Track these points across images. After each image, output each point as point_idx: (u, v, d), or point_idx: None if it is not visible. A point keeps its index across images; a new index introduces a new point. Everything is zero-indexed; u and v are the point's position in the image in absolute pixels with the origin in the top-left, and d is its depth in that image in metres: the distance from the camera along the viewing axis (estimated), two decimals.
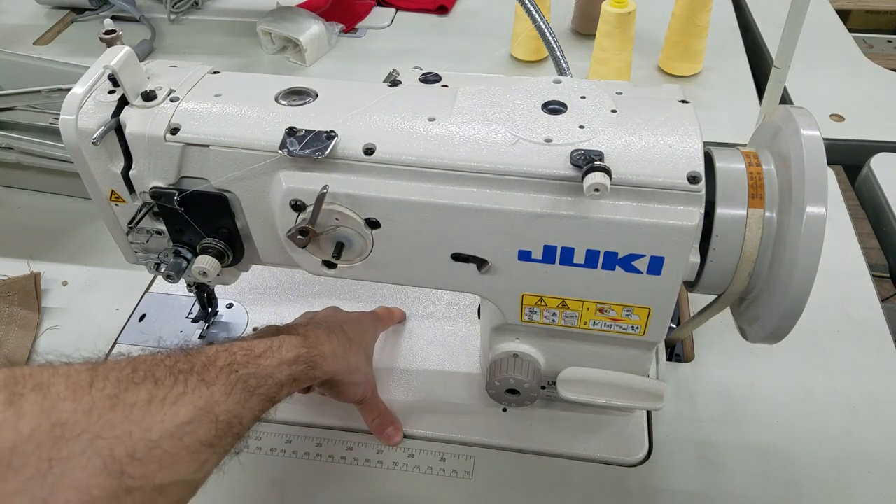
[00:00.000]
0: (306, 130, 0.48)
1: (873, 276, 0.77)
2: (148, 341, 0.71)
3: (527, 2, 0.76)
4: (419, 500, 0.59)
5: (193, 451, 0.39)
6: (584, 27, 1.18)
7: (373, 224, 0.50)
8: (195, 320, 0.72)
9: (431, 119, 0.49)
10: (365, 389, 0.60)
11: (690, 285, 0.52)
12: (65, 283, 0.78)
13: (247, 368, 0.45)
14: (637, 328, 0.53)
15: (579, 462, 0.61)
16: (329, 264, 0.54)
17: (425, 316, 0.73)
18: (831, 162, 0.90)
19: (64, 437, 0.35)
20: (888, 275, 0.84)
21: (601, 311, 0.52)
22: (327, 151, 0.47)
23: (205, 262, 0.55)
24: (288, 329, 0.53)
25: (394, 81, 0.54)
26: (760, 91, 1.02)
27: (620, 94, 0.51)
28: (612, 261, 0.48)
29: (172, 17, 1.26)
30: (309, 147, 0.47)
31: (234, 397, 0.43)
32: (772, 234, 0.47)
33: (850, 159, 0.95)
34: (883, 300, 0.75)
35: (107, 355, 0.70)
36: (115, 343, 0.71)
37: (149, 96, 0.51)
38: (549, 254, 0.49)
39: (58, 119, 0.51)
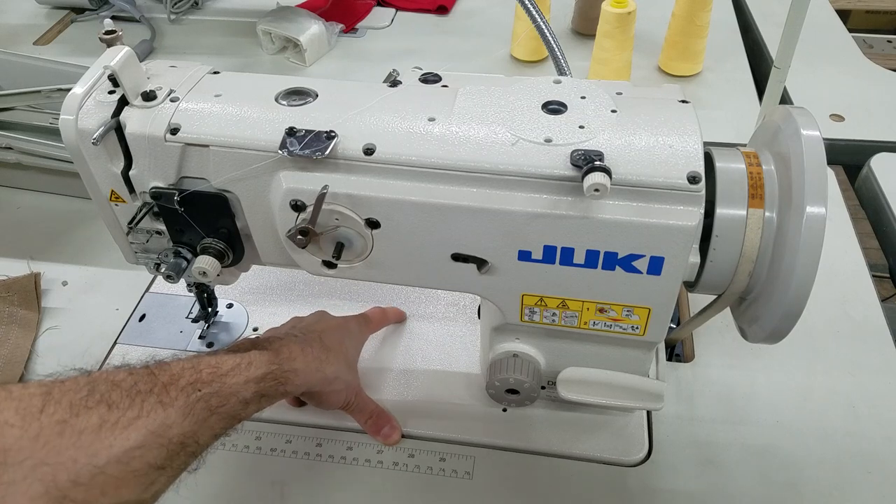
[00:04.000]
0: (306, 130, 0.48)
1: (873, 276, 0.77)
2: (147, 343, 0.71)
3: (527, 2, 0.76)
4: (419, 500, 0.59)
5: (141, 475, 0.39)
6: (584, 27, 1.18)
7: (373, 224, 0.50)
8: (195, 320, 0.72)
9: (431, 119, 0.49)
10: (347, 395, 0.61)
11: (690, 285, 0.52)
12: (65, 283, 0.78)
13: (210, 387, 0.45)
14: (637, 328, 0.53)
15: (579, 462, 0.61)
16: (329, 264, 0.54)
17: (425, 316, 0.73)
18: (831, 162, 0.90)
19: (7, 462, 0.35)
20: (888, 275, 0.84)
21: (601, 311, 0.52)
22: (327, 151, 0.47)
23: (205, 262, 0.55)
24: (263, 343, 0.53)
25: (394, 81, 0.54)
26: (760, 91, 1.02)
27: (620, 94, 0.51)
28: (612, 261, 0.48)
29: (172, 17, 1.26)
30: (309, 147, 0.47)
31: (192, 418, 0.43)
32: (772, 235, 0.47)
33: (850, 159, 0.95)
34: (883, 300, 0.75)
35: (106, 356, 0.70)
36: (115, 343, 0.71)
37: (149, 96, 0.51)
38: (549, 254, 0.49)
39: (58, 119, 0.51)
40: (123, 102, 0.51)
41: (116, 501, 0.38)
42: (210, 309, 0.71)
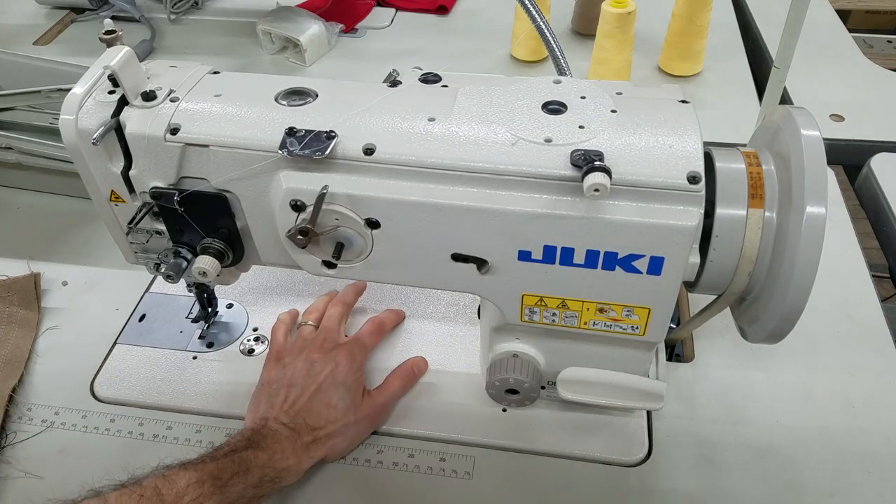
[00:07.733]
0: (306, 130, 0.48)
1: (873, 276, 0.77)
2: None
3: (527, 2, 0.76)
4: (419, 500, 0.59)
5: None
6: (584, 27, 1.18)
7: (373, 224, 0.50)
8: (195, 320, 0.72)
9: (431, 119, 0.49)
10: (351, 443, 0.61)
11: (690, 285, 0.52)
12: (65, 283, 0.78)
13: (212, 500, 0.49)
14: (637, 328, 0.53)
15: (579, 462, 0.61)
16: (329, 264, 0.54)
17: (425, 316, 0.73)
18: (831, 162, 0.90)
19: None
20: (888, 275, 0.84)
21: (601, 311, 0.52)
22: (327, 151, 0.47)
23: (205, 262, 0.55)
24: (258, 440, 0.55)
25: (394, 81, 0.54)
26: (760, 91, 1.02)
27: (620, 94, 0.52)
28: (611, 261, 0.48)
29: (172, 17, 1.26)
30: (309, 147, 0.47)
31: None
32: (772, 234, 0.47)
33: (850, 159, 0.95)
34: (883, 300, 0.75)
35: (106, 356, 0.69)
36: (115, 343, 0.71)
37: (149, 96, 0.51)
38: (549, 254, 0.49)
39: (58, 119, 0.51)
40: (123, 102, 0.51)
41: None
42: (210, 309, 0.71)
